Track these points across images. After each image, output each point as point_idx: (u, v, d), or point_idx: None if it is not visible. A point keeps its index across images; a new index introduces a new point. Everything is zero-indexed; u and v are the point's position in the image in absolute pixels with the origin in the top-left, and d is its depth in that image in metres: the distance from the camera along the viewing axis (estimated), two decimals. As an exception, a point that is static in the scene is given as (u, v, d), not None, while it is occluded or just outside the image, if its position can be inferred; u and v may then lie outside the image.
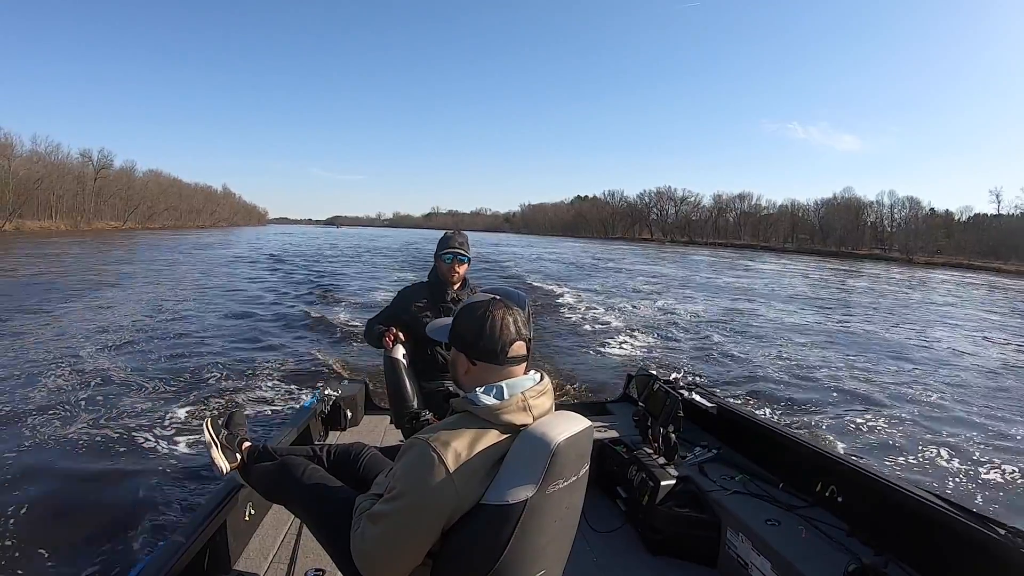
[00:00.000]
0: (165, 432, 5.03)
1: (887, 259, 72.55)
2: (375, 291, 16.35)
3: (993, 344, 12.39)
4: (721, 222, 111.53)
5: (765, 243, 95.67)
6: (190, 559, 1.79)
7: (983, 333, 13.98)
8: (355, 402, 3.76)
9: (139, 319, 10.60)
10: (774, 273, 33.27)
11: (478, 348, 1.30)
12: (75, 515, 3.63)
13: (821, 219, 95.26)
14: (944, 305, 21.06)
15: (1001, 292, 30.11)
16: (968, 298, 25.28)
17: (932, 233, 79.91)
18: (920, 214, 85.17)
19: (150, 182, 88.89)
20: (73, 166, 71.81)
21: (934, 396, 7.50)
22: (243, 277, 19.86)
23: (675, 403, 2.86)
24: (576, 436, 1.23)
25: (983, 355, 10.94)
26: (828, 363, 9.07)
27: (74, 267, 20.77)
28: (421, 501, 1.16)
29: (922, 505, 1.94)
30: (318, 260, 29.60)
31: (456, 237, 2.87)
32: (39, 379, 6.44)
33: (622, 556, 2.50)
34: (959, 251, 73.86)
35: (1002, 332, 14.39)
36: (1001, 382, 8.65)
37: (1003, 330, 14.85)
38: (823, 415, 6.28)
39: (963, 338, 12.95)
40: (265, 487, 1.88)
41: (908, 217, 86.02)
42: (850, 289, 25.59)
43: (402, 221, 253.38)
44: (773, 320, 13.75)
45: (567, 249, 54.28)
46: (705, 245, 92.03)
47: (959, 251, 73.86)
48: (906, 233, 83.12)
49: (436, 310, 2.83)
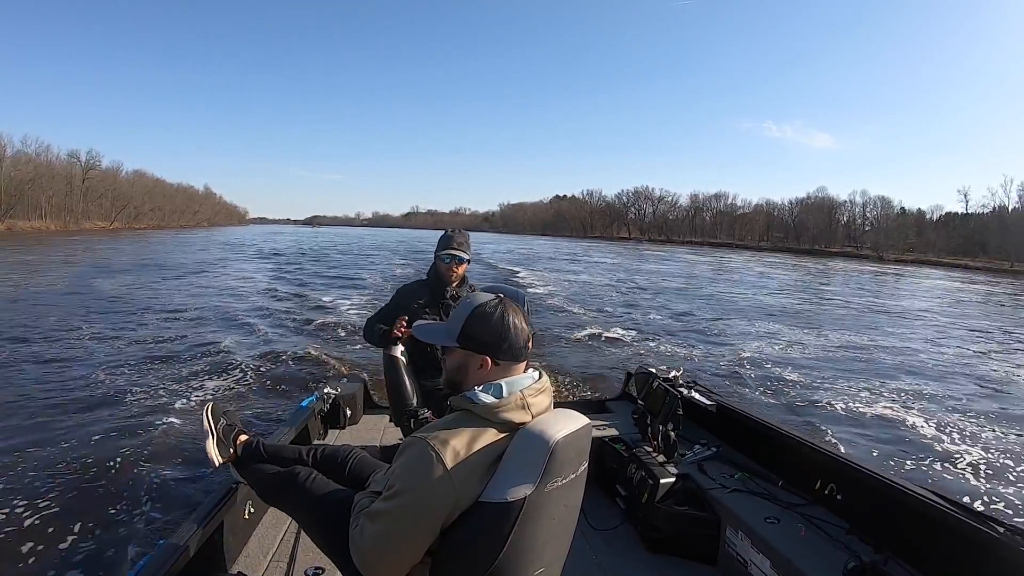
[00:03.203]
0: (163, 431, 4.99)
1: (859, 256, 74.37)
2: (374, 291, 16.61)
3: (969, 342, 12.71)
4: (698, 221, 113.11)
5: (741, 242, 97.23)
6: (189, 558, 1.78)
7: (958, 330, 14.38)
8: (354, 400, 3.75)
9: (139, 318, 10.70)
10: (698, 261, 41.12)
11: (502, 349, 1.30)
12: (73, 515, 3.61)
13: (795, 218, 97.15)
14: (896, 296, 22.43)
15: (968, 289, 31.22)
16: (919, 292, 26.70)
17: (902, 231, 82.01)
18: (891, 213, 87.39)
19: (136, 182, 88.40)
20: (62, 167, 71.72)
21: (929, 393, 7.60)
22: (242, 276, 20.27)
23: (674, 401, 2.87)
24: (575, 434, 1.23)
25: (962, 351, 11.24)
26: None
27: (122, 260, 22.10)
28: (420, 499, 1.16)
29: (922, 503, 1.94)
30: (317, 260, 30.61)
31: (456, 237, 2.85)
32: (37, 378, 6.44)
33: (621, 554, 2.50)
34: (929, 249, 75.99)
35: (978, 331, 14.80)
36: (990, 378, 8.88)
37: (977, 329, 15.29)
38: (818, 411, 6.37)
39: (940, 333, 13.30)
40: (262, 491, 1.90)
41: (879, 216, 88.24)
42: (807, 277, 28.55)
43: (382, 221, 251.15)
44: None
45: (537, 246, 58.69)
46: (682, 244, 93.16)
47: (929, 249, 75.99)
48: (877, 231, 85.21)
49: (435, 307, 2.84)
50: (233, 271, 22.42)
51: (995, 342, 12.69)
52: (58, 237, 47.11)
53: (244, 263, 27.02)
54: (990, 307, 21.72)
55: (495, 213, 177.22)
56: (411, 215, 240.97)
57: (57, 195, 67.85)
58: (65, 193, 69.16)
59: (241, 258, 30.27)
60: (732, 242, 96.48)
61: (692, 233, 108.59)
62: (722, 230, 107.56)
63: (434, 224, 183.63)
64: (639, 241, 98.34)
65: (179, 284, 17.06)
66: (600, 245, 71.33)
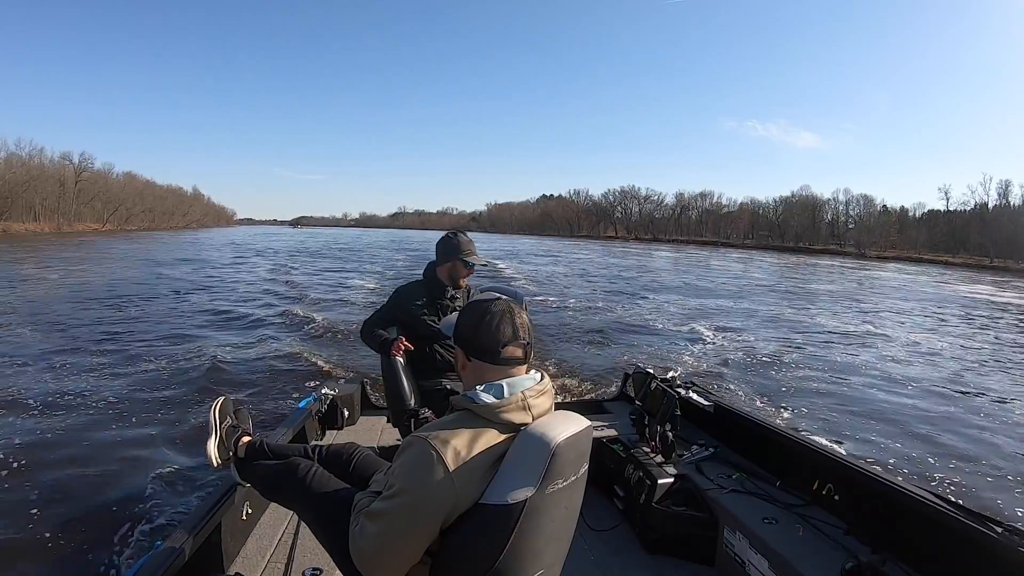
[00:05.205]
0: (162, 431, 4.94)
1: (842, 254, 75.39)
2: (371, 289, 16.72)
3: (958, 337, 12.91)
4: (684, 220, 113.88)
5: (726, 240, 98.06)
6: (187, 559, 1.77)
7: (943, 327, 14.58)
8: (352, 401, 3.73)
9: (141, 317, 10.73)
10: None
11: (474, 346, 1.30)
12: (70, 515, 3.56)
13: (779, 217, 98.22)
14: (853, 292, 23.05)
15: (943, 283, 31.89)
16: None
17: (884, 229, 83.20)
18: (873, 211, 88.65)
19: (127, 184, 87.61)
20: (55, 169, 71.08)
21: (927, 391, 7.61)
22: (243, 275, 20.36)
23: (672, 402, 2.87)
24: (576, 436, 1.23)
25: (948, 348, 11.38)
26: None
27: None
28: (420, 499, 1.16)
29: (919, 504, 1.95)
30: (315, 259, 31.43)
31: (470, 243, 2.85)
32: (34, 377, 6.41)
33: (619, 555, 2.50)
34: (911, 246, 77.20)
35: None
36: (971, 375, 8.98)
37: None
38: (812, 410, 6.36)
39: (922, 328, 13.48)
40: (265, 486, 1.89)
41: (862, 214, 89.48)
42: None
43: (369, 221, 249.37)
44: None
45: (520, 245, 60.57)
46: (668, 242, 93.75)
47: (911, 246, 77.20)
48: (860, 229, 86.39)
49: (434, 309, 2.84)
50: (235, 270, 22.51)
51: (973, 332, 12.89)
52: (66, 239, 46.57)
53: (250, 261, 27.82)
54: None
55: (482, 213, 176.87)
56: (398, 215, 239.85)
57: (50, 197, 67.33)
58: (58, 195, 68.61)
59: (245, 258, 30.60)
60: (717, 240, 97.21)
61: (678, 232, 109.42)
62: (708, 228, 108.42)
63: (421, 224, 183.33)
64: (625, 240, 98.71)
65: (179, 284, 16.96)
66: (584, 244, 72.03)
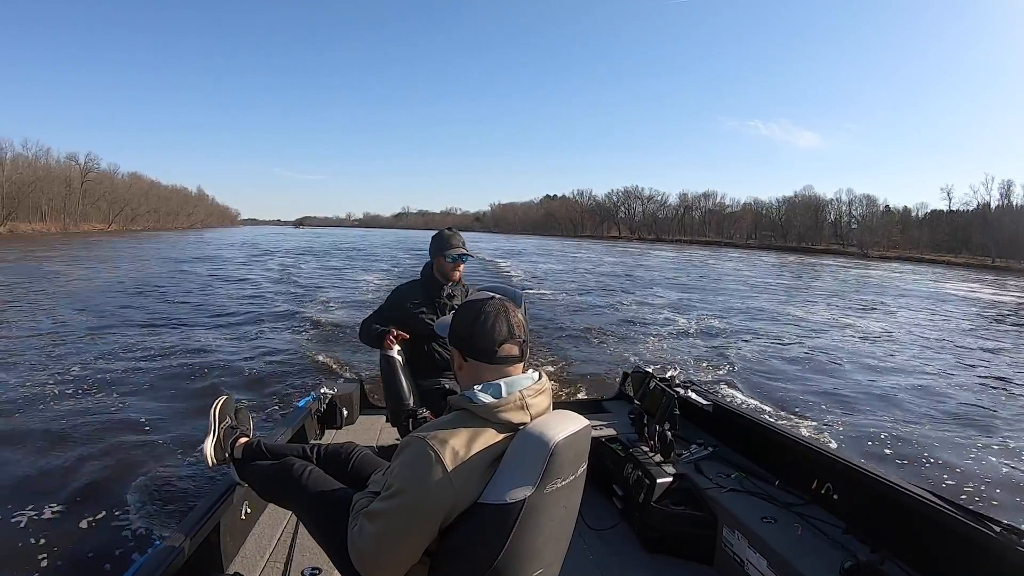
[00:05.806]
0: (160, 430, 4.94)
1: (845, 254, 75.16)
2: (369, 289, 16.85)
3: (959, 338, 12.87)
4: (687, 220, 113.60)
5: (729, 240, 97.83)
6: (185, 559, 1.77)
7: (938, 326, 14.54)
8: (351, 401, 3.73)
9: (140, 315, 10.80)
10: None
11: (470, 345, 1.29)
12: (69, 515, 3.59)
13: (782, 217, 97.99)
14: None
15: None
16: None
17: (887, 229, 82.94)
18: (876, 211, 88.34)
19: (132, 185, 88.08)
20: (60, 169, 71.59)
21: (926, 391, 7.61)
22: (243, 275, 20.52)
23: (671, 401, 2.87)
24: (574, 435, 1.23)
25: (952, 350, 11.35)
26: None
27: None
28: (418, 499, 1.16)
29: (918, 502, 1.95)
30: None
31: (456, 237, 2.88)
32: (32, 376, 6.44)
33: (618, 554, 2.50)
34: (913, 246, 76.94)
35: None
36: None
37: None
38: (815, 411, 6.35)
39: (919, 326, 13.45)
40: (263, 485, 1.89)
41: (865, 214, 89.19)
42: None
43: (372, 221, 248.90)
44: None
45: (521, 244, 61.14)
46: (671, 242, 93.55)
47: (913, 246, 76.94)
48: (863, 229, 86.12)
49: (432, 307, 2.85)
50: (237, 269, 22.69)
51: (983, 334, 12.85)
52: (73, 239, 46.85)
53: (259, 260, 28.31)
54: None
55: (486, 213, 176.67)
56: (402, 215, 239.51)
57: (56, 198, 67.73)
58: (64, 196, 68.98)
59: (248, 257, 30.83)
60: (720, 240, 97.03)
61: (681, 232, 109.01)
62: (711, 229, 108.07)
63: (425, 224, 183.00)
64: (628, 240, 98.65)
65: (181, 282, 17.12)
66: (587, 244, 72.21)
